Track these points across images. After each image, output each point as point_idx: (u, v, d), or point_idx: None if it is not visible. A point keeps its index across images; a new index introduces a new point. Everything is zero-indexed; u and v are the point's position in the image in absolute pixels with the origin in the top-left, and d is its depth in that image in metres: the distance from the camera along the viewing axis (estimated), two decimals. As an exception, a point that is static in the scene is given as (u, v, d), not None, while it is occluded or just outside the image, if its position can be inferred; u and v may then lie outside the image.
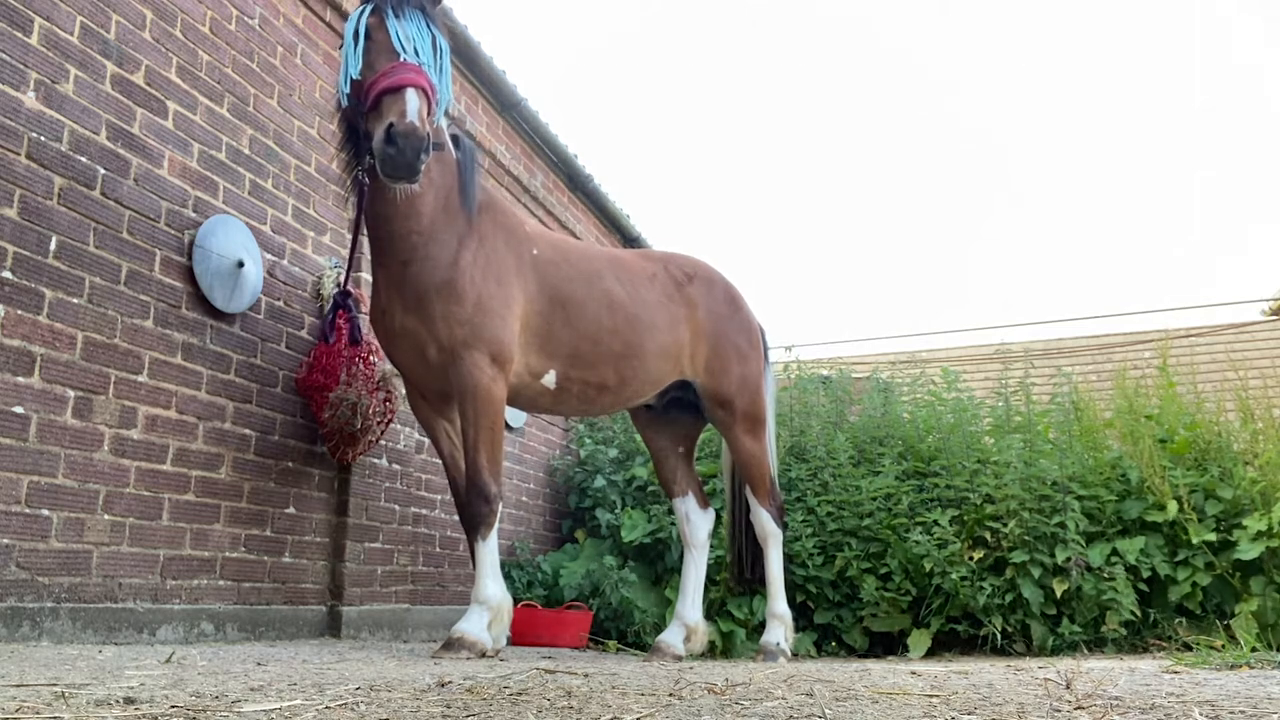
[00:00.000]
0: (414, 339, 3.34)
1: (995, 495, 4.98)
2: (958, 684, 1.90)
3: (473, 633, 3.20)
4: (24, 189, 2.86)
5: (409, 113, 2.91)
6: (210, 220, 3.56)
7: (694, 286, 4.16)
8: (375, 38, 3.12)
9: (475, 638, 3.18)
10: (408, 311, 3.34)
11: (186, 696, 1.62)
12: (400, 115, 2.91)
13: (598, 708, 1.52)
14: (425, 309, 3.29)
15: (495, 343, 3.33)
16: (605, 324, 3.74)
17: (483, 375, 3.29)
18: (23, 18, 2.89)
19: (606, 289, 3.78)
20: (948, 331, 11.97)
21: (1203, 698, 1.64)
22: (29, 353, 2.85)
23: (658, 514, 5.54)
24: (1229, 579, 4.71)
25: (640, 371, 3.89)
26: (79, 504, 2.97)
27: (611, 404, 3.99)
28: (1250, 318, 10.84)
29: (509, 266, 3.44)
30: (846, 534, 5.16)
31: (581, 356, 3.70)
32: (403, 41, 3.08)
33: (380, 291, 3.44)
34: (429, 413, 3.64)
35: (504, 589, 3.42)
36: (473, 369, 3.27)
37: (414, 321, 3.32)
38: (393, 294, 3.37)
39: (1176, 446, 5.20)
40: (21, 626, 2.75)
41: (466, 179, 3.43)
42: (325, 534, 4.08)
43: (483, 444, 3.30)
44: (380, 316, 3.45)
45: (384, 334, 3.47)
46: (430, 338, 3.30)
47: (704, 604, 4.40)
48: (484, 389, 3.29)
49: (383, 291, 3.42)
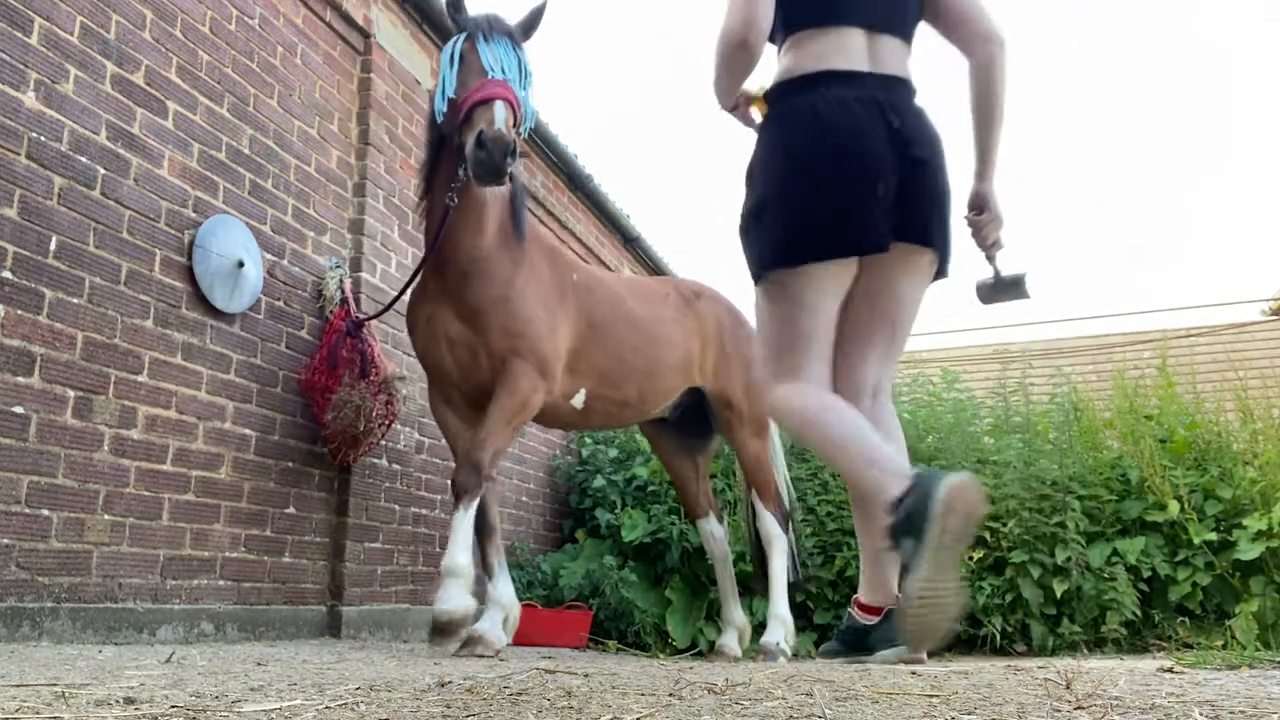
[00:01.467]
0: (466, 347, 3.54)
1: (995, 495, 4.98)
2: (958, 684, 1.90)
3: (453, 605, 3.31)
4: (24, 189, 2.86)
5: (496, 120, 3.14)
6: (210, 220, 3.56)
7: (702, 302, 4.46)
8: (468, 60, 3.36)
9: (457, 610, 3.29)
10: (462, 320, 3.53)
11: (186, 696, 1.62)
12: (489, 123, 3.14)
13: (598, 708, 1.53)
14: (481, 321, 3.50)
15: (543, 360, 3.56)
16: (628, 342, 3.98)
17: (527, 381, 3.50)
18: (23, 18, 2.89)
19: (629, 309, 4.04)
20: (947, 331, 11.97)
21: (1203, 698, 1.64)
22: (29, 353, 2.85)
23: (658, 514, 5.54)
24: (1229, 579, 4.71)
25: (659, 385, 4.14)
26: (79, 504, 2.97)
27: (630, 419, 4.26)
28: (1250, 318, 10.84)
29: (554, 294, 3.70)
30: (846, 534, 5.16)
31: (608, 375, 3.93)
32: (492, 63, 3.32)
33: (429, 298, 3.60)
34: (452, 419, 3.72)
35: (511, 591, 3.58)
36: (519, 375, 3.48)
37: (467, 331, 3.52)
38: (444, 301, 3.56)
39: (1175, 446, 5.20)
40: (21, 626, 2.76)
41: (517, 209, 3.66)
42: (325, 534, 4.08)
43: (497, 434, 3.44)
44: (425, 322, 3.60)
45: (428, 337, 3.61)
46: (483, 347, 3.51)
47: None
48: (524, 392, 3.50)
49: (432, 298, 3.59)
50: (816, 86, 2.07)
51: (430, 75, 5.04)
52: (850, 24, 2.10)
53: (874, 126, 2.03)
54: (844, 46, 2.09)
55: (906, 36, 2.19)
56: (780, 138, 2.11)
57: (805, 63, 2.11)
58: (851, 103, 2.03)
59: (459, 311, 3.53)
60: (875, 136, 2.03)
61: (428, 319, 3.60)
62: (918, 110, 2.15)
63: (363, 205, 4.42)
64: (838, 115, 2.03)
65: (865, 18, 2.11)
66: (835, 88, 2.05)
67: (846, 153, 2.02)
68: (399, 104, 4.72)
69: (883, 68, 2.11)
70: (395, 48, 4.74)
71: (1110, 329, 10.99)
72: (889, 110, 2.05)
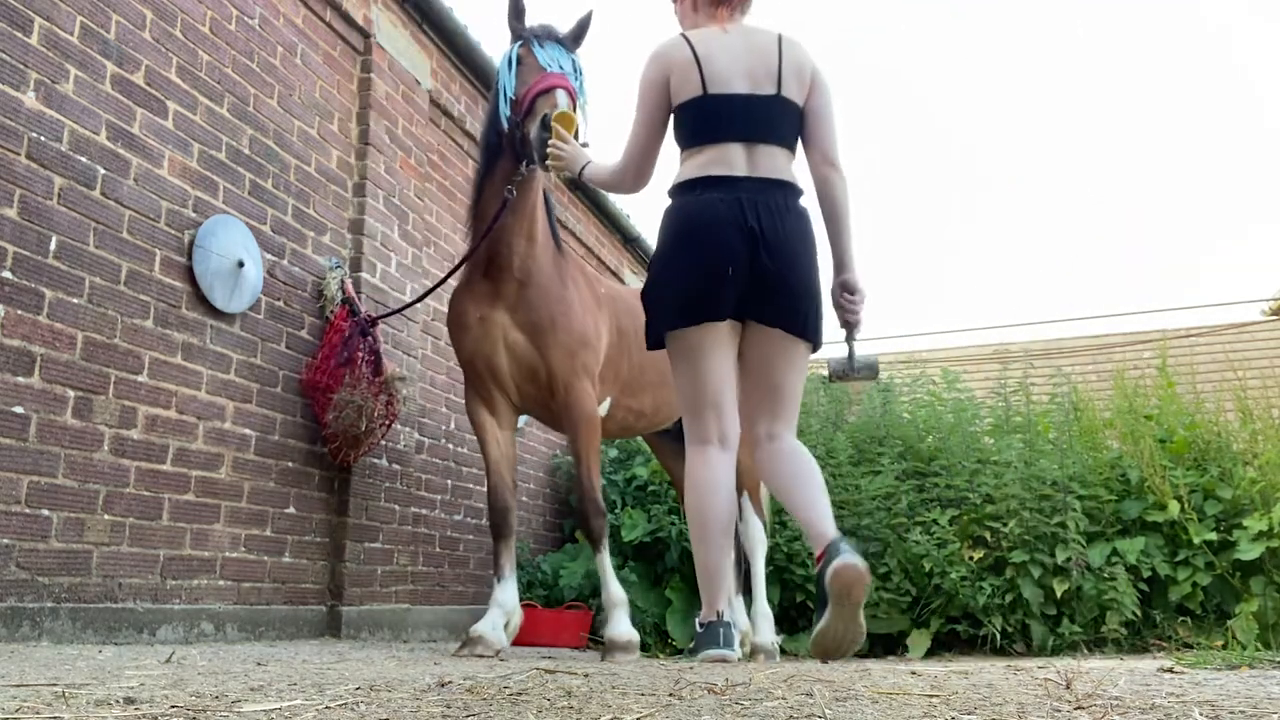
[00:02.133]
0: (527, 360, 3.63)
1: (995, 495, 4.97)
2: (958, 684, 1.90)
3: (624, 633, 3.50)
4: (24, 189, 2.86)
5: (560, 104, 3.23)
6: (210, 220, 3.56)
7: None
8: (526, 62, 3.48)
9: (627, 637, 3.49)
10: (522, 330, 3.62)
11: (186, 696, 1.62)
12: (553, 107, 3.23)
13: (598, 708, 1.53)
14: (542, 337, 3.59)
15: (593, 373, 3.72)
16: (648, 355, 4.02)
17: (591, 403, 3.66)
18: (23, 18, 2.89)
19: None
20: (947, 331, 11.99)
21: (1203, 698, 1.64)
22: (29, 353, 2.85)
23: (658, 514, 5.54)
24: (1229, 579, 4.71)
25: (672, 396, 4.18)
26: (79, 504, 2.97)
27: (643, 429, 4.39)
28: (1250, 318, 10.84)
29: (592, 304, 3.84)
30: (846, 534, 5.15)
31: (630, 385, 4.07)
32: (548, 61, 3.43)
33: (479, 299, 3.66)
34: (487, 419, 3.77)
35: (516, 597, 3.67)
36: (583, 398, 3.63)
37: (528, 344, 3.62)
38: (499, 306, 3.62)
39: (1175, 446, 5.20)
40: (21, 626, 2.76)
41: (550, 222, 3.80)
42: (325, 534, 4.08)
43: (594, 465, 3.67)
44: (478, 322, 3.65)
45: (481, 339, 3.65)
46: (544, 364, 3.61)
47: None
48: (592, 415, 3.65)
49: (483, 300, 3.64)
50: (694, 189, 2.56)
51: (430, 75, 5.04)
52: (730, 140, 2.56)
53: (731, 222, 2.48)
54: (723, 158, 2.56)
55: (786, 144, 2.63)
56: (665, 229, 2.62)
57: (690, 171, 2.60)
58: (716, 202, 2.50)
59: (518, 321, 3.61)
60: (730, 230, 2.47)
61: (480, 319, 3.64)
62: (786, 210, 2.56)
63: (363, 205, 4.42)
64: (703, 212, 2.51)
65: (742, 134, 2.57)
66: (708, 190, 2.53)
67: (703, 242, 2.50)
68: (399, 104, 4.72)
69: (760, 172, 2.56)
70: (395, 48, 4.74)
71: (1110, 329, 10.99)
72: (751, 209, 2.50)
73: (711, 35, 2.66)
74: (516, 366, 3.66)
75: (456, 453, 5.12)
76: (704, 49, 2.62)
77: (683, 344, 2.59)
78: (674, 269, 2.57)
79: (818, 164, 2.70)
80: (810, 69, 2.69)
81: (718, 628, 2.55)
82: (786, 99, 2.63)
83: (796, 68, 2.65)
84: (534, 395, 3.73)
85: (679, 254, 2.55)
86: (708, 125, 2.59)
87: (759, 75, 2.61)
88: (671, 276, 2.57)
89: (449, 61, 5.26)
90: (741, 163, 2.56)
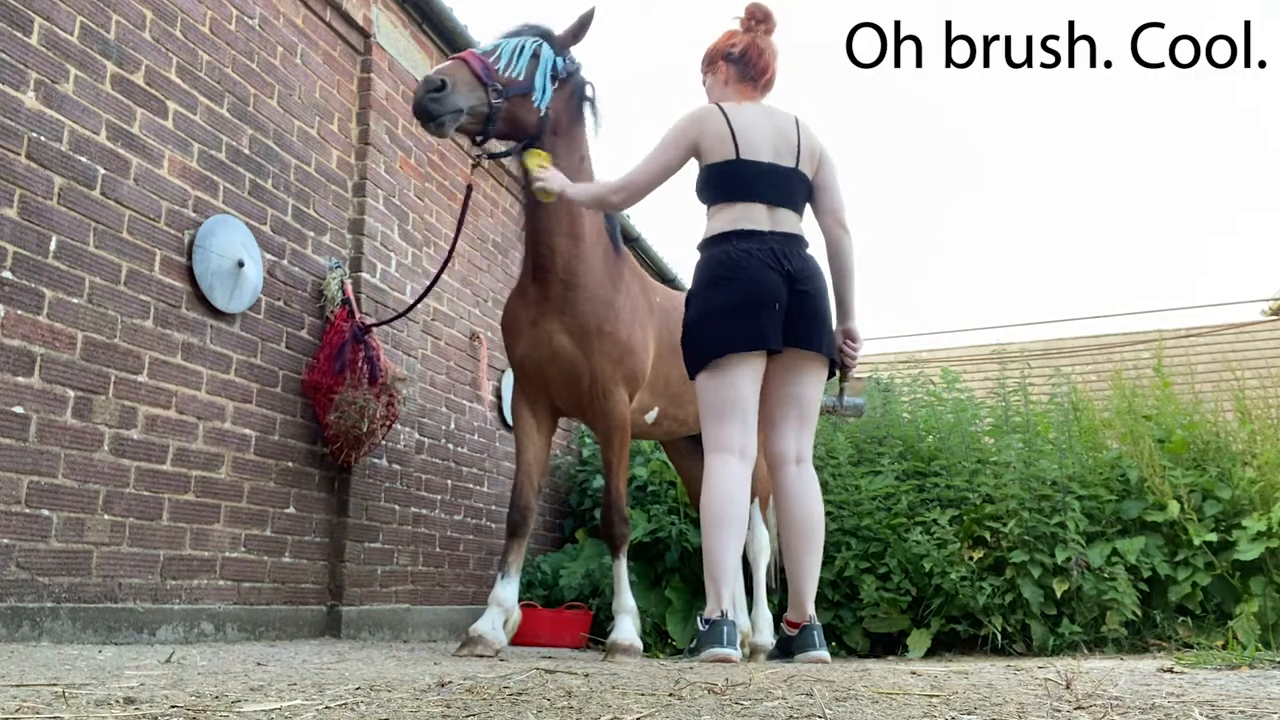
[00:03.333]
0: (571, 364, 3.63)
1: (995, 495, 4.97)
2: (958, 684, 1.90)
3: (627, 638, 3.56)
4: (24, 189, 2.86)
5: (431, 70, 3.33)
6: (210, 220, 3.56)
7: None
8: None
9: (630, 642, 3.55)
10: (568, 335, 3.61)
11: (186, 696, 1.62)
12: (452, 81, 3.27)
13: (598, 708, 1.53)
14: (588, 342, 3.60)
15: (633, 380, 3.73)
16: None
17: (625, 411, 3.68)
18: (23, 18, 2.89)
19: None
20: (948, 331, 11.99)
21: (1203, 698, 1.64)
22: (29, 353, 2.85)
23: (658, 514, 5.54)
24: (1229, 579, 4.71)
25: None
26: (79, 504, 2.97)
27: (684, 434, 4.45)
28: (1250, 318, 10.84)
29: (645, 313, 3.85)
30: (846, 534, 5.16)
31: (679, 396, 4.11)
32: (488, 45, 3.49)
33: (530, 303, 3.66)
34: (528, 421, 3.79)
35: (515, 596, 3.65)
36: (619, 404, 3.66)
37: (573, 348, 3.61)
38: (549, 311, 3.62)
39: (1173, 445, 5.20)
40: (21, 626, 2.76)
41: (612, 225, 3.82)
42: (325, 534, 4.08)
43: (623, 473, 3.72)
44: (530, 326, 3.65)
45: (533, 344, 3.66)
46: (587, 368, 3.62)
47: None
48: (625, 424, 3.68)
49: (534, 304, 3.65)
50: (730, 240, 2.96)
51: (430, 75, 5.03)
52: (755, 201, 2.99)
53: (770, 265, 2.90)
54: (750, 215, 2.98)
55: (798, 210, 3.09)
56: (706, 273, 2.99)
57: (722, 225, 3.00)
58: (754, 250, 2.93)
59: (565, 325, 3.60)
60: (771, 272, 2.90)
61: (532, 323, 3.65)
62: (806, 256, 3.01)
63: (363, 205, 4.42)
64: (743, 258, 2.92)
65: (766, 197, 3.00)
66: (743, 241, 2.94)
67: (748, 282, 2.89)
68: (399, 104, 4.72)
69: (780, 228, 2.99)
70: (395, 48, 4.74)
71: (1111, 329, 11.00)
72: (782, 256, 2.92)
73: (743, 110, 3.08)
74: (560, 371, 3.66)
75: (456, 453, 5.12)
76: (738, 121, 3.04)
77: (725, 367, 2.93)
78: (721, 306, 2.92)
79: (830, 227, 3.14)
80: (819, 149, 3.15)
81: (721, 626, 2.74)
82: (802, 172, 3.08)
83: (809, 147, 3.11)
84: (575, 400, 3.73)
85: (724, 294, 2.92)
86: (738, 185, 3.00)
87: (781, 150, 3.05)
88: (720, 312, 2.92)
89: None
90: (765, 220, 2.98)
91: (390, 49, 4.69)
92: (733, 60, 3.16)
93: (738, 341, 2.89)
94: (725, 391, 2.93)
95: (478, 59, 3.37)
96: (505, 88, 3.36)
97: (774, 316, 2.89)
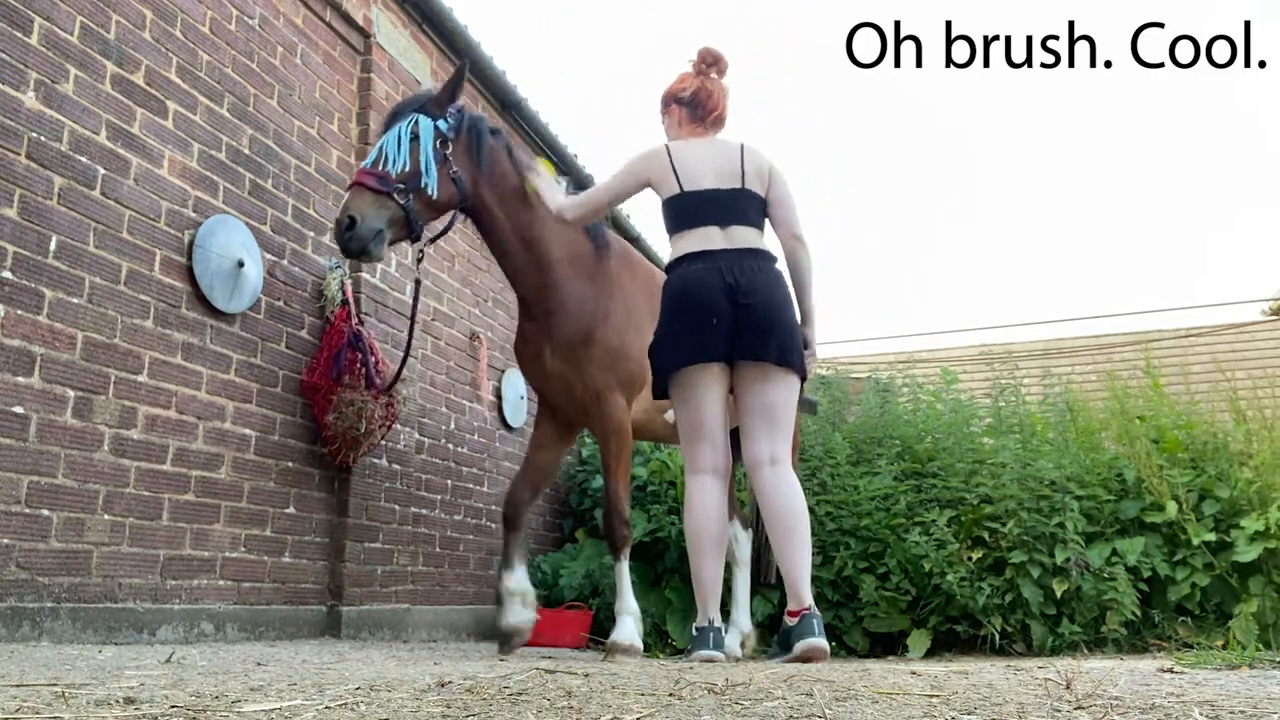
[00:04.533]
0: (564, 381, 3.79)
1: (993, 495, 4.97)
2: (958, 684, 1.90)
3: (627, 638, 3.61)
4: (24, 189, 2.86)
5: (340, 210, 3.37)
6: (210, 220, 3.56)
7: None
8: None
9: (630, 642, 3.60)
10: (557, 356, 3.76)
11: (186, 696, 1.62)
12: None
13: (598, 708, 1.53)
14: (573, 356, 3.73)
15: (631, 384, 3.79)
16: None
17: (622, 413, 3.75)
18: (23, 18, 2.89)
19: None
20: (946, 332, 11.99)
21: (1203, 698, 1.64)
22: (29, 353, 2.85)
23: (657, 514, 5.54)
24: (1228, 579, 4.71)
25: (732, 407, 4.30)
26: (79, 504, 2.97)
27: None
28: (1250, 318, 10.84)
29: (646, 314, 3.82)
30: (845, 533, 5.16)
31: None
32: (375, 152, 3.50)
33: (530, 338, 3.86)
34: (550, 432, 4.00)
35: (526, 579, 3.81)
36: (614, 409, 3.73)
37: (564, 366, 3.76)
38: (543, 340, 3.79)
39: (1167, 445, 5.20)
40: (21, 626, 2.76)
41: (592, 231, 3.85)
42: (325, 534, 4.08)
43: (624, 475, 3.78)
44: (533, 360, 3.87)
45: (538, 374, 3.90)
46: (577, 379, 3.75)
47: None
48: (621, 426, 3.75)
49: (531, 339, 3.85)
50: (684, 263, 3.14)
51: (430, 75, 5.04)
52: (706, 224, 3.16)
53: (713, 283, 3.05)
54: (704, 238, 3.15)
55: (754, 225, 3.22)
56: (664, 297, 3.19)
57: (680, 249, 3.18)
58: (701, 270, 3.09)
59: (554, 348, 3.76)
60: (713, 289, 3.04)
61: (535, 356, 3.85)
62: (757, 269, 3.11)
63: (363, 205, 4.41)
64: (691, 278, 3.10)
65: (715, 219, 3.17)
66: (695, 263, 3.12)
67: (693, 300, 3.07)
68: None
69: (735, 244, 3.13)
70: (395, 48, 4.74)
71: (1110, 329, 11.00)
72: (727, 271, 3.07)
73: (686, 145, 3.30)
74: (558, 388, 3.83)
75: (456, 453, 5.12)
76: (680, 157, 3.25)
77: (682, 385, 3.12)
78: (671, 324, 3.12)
79: (786, 239, 3.29)
80: (768, 168, 3.29)
81: (709, 632, 3.04)
82: (749, 190, 3.23)
83: (755, 168, 3.26)
84: (576, 410, 3.87)
85: (675, 313, 3.12)
86: (687, 214, 3.19)
87: (725, 174, 3.22)
88: (669, 330, 3.12)
89: (449, 61, 5.26)
90: (719, 239, 3.14)
91: (390, 49, 4.69)
92: (683, 103, 3.38)
93: (680, 357, 3.09)
94: (689, 415, 3.14)
95: (368, 174, 3.40)
96: (406, 184, 3.39)
97: (714, 331, 3.04)
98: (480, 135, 3.64)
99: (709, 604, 3.09)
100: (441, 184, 3.48)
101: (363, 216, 3.30)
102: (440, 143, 3.52)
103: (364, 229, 3.30)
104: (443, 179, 3.48)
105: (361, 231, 3.29)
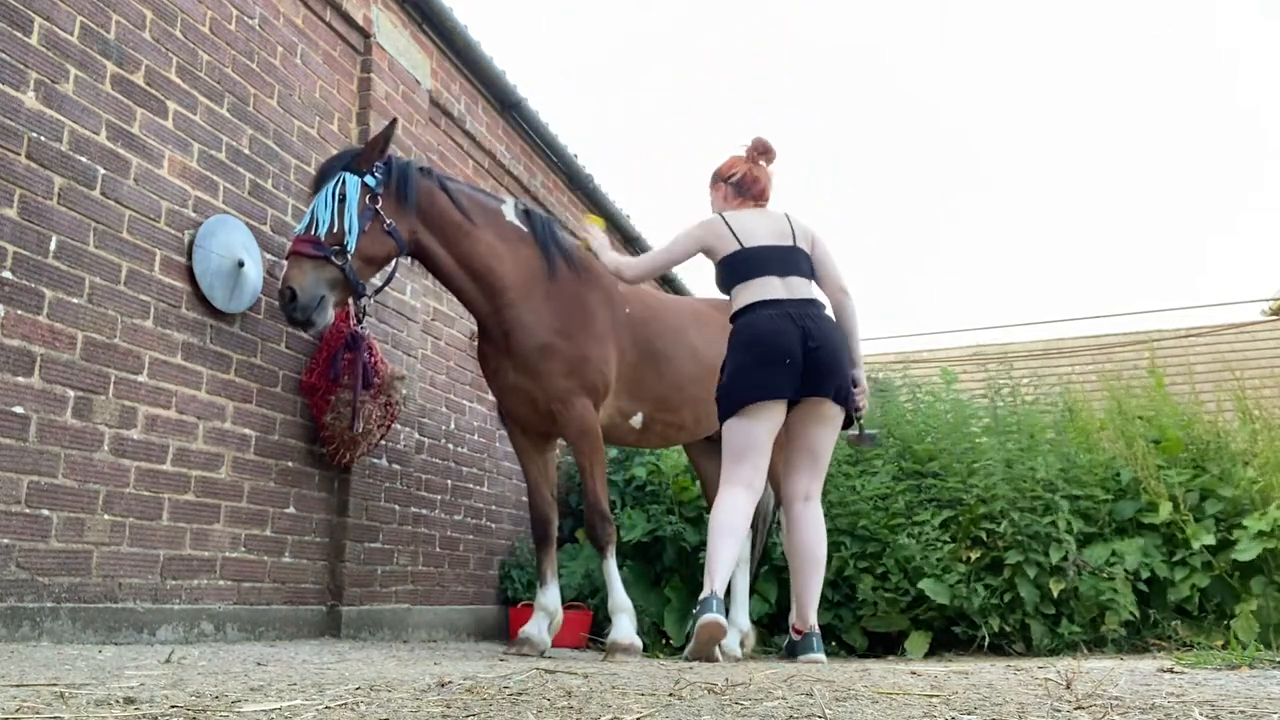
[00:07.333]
0: (525, 393, 3.94)
1: (986, 495, 4.97)
2: (958, 684, 1.90)
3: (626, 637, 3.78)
4: (24, 189, 2.86)
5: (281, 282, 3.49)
6: (210, 220, 3.55)
7: None
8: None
9: (629, 641, 3.77)
10: (518, 372, 3.91)
11: (186, 696, 1.62)
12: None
13: (598, 708, 1.53)
14: (532, 369, 3.88)
15: (593, 389, 3.94)
16: (688, 373, 4.31)
17: (589, 416, 3.91)
18: (23, 18, 2.89)
19: (690, 342, 4.39)
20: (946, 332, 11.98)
21: (1203, 698, 1.64)
22: (29, 353, 2.85)
23: (656, 514, 5.54)
24: (1228, 579, 4.70)
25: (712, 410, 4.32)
26: (79, 504, 2.97)
27: (686, 439, 4.63)
28: (1250, 317, 10.84)
29: (605, 324, 4.03)
30: (843, 533, 5.16)
31: (667, 401, 4.30)
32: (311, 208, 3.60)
33: (490, 357, 4.03)
34: (526, 446, 4.16)
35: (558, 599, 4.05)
36: (582, 413, 3.88)
37: (524, 380, 3.91)
38: (502, 358, 3.95)
39: (1167, 445, 5.20)
40: (21, 626, 2.75)
41: (544, 247, 4.00)
42: (325, 534, 4.08)
43: (598, 475, 3.93)
44: (493, 375, 4.04)
45: (498, 389, 4.07)
46: (539, 390, 3.89)
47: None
48: (591, 428, 3.90)
49: (491, 358, 4.02)
50: (754, 310, 3.48)
51: (430, 75, 5.04)
52: (768, 275, 3.52)
53: (788, 328, 3.40)
54: (767, 286, 3.51)
55: (807, 276, 3.61)
56: (738, 338, 3.50)
57: (747, 298, 3.52)
58: (774, 316, 3.44)
59: (514, 365, 3.92)
60: (788, 333, 3.39)
61: (494, 372, 4.02)
62: (820, 317, 3.50)
63: (363, 205, 4.41)
64: (766, 323, 3.43)
65: (774, 270, 3.53)
66: (764, 309, 3.46)
67: (769, 343, 3.40)
68: (399, 104, 4.72)
69: (794, 294, 3.51)
70: (395, 48, 4.74)
71: (1111, 329, 11.00)
72: (798, 318, 3.42)
73: (739, 213, 3.70)
74: (520, 400, 3.97)
75: (456, 453, 5.12)
76: (736, 222, 3.65)
77: (747, 416, 3.43)
78: (743, 364, 3.43)
79: (834, 292, 3.68)
80: (811, 231, 3.72)
81: (711, 601, 3.24)
82: (800, 248, 3.63)
83: (803, 231, 3.68)
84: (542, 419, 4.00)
85: (752, 353, 3.42)
86: (748, 266, 3.55)
87: (778, 234, 3.62)
88: (745, 365, 3.43)
89: (449, 61, 5.27)
90: (781, 289, 3.50)
91: (390, 49, 4.69)
92: (732, 183, 3.78)
93: (756, 392, 3.39)
94: (744, 438, 3.43)
95: (303, 241, 3.47)
96: (341, 245, 3.48)
97: (788, 371, 3.37)
98: (407, 181, 3.70)
99: (716, 578, 3.28)
100: (374, 239, 3.57)
101: (302, 287, 3.39)
102: (370, 198, 3.60)
103: (306, 298, 3.38)
104: (375, 234, 3.57)
105: (304, 301, 3.38)
